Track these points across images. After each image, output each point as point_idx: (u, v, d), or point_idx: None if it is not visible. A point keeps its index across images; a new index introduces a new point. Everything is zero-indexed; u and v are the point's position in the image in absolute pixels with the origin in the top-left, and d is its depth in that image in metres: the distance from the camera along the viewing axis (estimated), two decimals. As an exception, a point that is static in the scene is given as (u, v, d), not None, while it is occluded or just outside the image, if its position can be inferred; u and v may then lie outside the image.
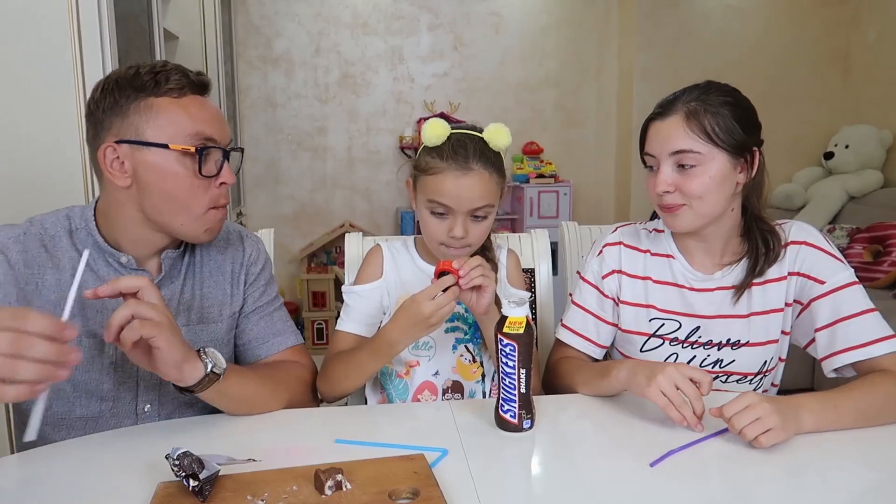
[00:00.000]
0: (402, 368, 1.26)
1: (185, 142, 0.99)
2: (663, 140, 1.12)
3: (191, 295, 1.13)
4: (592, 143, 4.46)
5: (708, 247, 1.21)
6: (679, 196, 1.13)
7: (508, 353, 0.98)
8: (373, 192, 4.31)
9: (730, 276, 1.21)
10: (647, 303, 1.25)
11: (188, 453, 0.77)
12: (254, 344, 1.20)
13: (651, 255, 1.27)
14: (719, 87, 1.15)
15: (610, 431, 1.03)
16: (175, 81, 1.01)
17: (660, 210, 1.18)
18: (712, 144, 1.10)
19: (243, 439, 0.98)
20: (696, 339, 1.22)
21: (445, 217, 1.15)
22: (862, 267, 3.30)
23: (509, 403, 0.99)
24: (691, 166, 1.11)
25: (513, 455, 0.95)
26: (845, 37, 4.25)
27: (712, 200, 1.12)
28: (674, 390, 0.98)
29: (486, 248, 1.28)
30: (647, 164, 1.18)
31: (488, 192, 1.15)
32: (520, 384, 0.98)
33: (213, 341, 1.13)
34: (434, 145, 1.16)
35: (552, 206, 4.05)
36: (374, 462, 0.87)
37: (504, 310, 0.98)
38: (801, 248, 1.17)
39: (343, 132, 4.24)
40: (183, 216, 1.02)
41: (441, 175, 1.14)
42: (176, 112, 1.00)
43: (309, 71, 4.15)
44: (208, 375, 0.95)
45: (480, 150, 1.15)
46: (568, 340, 1.29)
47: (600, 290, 1.28)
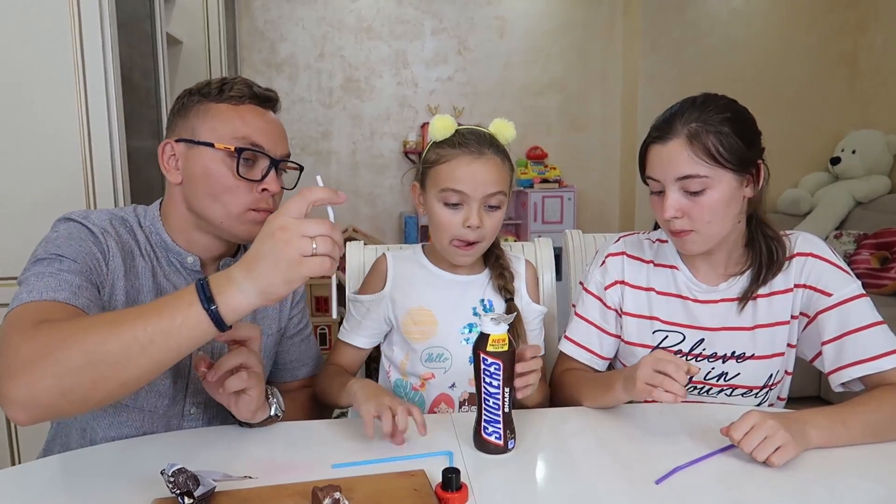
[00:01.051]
0: (416, 381, 1.24)
1: (230, 143, 1.03)
2: (666, 166, 1.09)
3: None
4: (597, 148, 4.44)
5: (713, 259, 1.19)
6: (687, 222, 1.10)
7: (493, 373, 0.94)
8: (376, 196, 4.30)
9: (734, 287, 1.19)
10: (650, 314, 1.23)
11: (183, 470, 0.76)
12: (295, 365, 1.27)
13: (654, 265, 1.25)
14: (716, 101, 1.11)
15: (612, 445, 1.01)
16: (237, 90, 1.06)
17: (669, 233, 1.15)
18: (718, 166, 1.06)
19: (240, 455, 0.96)
20: (701, 352, 1.19)
21: (459, 207, 1.14)
22: (869, 273, 3.27)
23: (493, 425, 0.95)
24: (699, 191, 1.07)
25: (514, 469, 0.93)
26: (852, 42, 4.22)
27: (721, 222, 1.10)
28: (657, 377, 0.97)
29: (499, 257, 1.26)
30: (652, 188, 1.15)
31: (501, 179, 1.15)
32: (504, 404, 0.95)
33: (262, 351, 1.13)
34: (442, 138, 1.17)
35: (556, 211, 4.03)
36: (373, 479, 0.85)
37: (484, 327, 0.95)
38: (808, 259, 1.15)
39: (347, 136, 4.23)
40: (220, 211, 1.05)
41: (454, 161, 1.14)
42: (229, 116, 1.05)
43: (313, 75, 4.14)
44: (271, 417, 1.03)
45: (490, 139, 1.17)
46: (571, 353, 1.27)
47: (603, 302, 1.26)
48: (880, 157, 3.86)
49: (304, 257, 0.75)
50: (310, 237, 0.75)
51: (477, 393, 0.97)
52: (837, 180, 4.00)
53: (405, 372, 1.25)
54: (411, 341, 1.22)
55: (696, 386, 1.20)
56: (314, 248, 0.75)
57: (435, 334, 1.21)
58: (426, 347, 1.21)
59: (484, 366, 0.94)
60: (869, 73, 4.16)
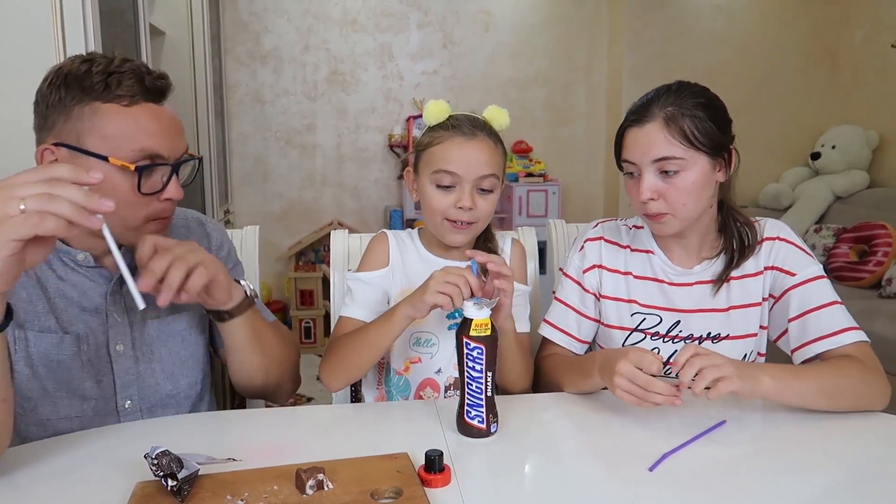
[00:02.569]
0: (400, 365, 1.24)
1: (127, 157, 0.93)
2: (644, 148, 1.12)
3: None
4: (582, 142, 4.46)
5: (687, 243, 1.23)
6: (663, 204, 1.13)
7: (476, 357, 0.95)
8: (361, 190, 4.29)
9: (709, 270, 1.23)
10: (628, 297, 1.26)
11: (167, 452, 0.76)
12: None
13: (631, 251, 1.29)
14: (690, 87, 1.15)
15: (594, 430, 1.03)
16: (127, 88, 0.94)
17: (644, 216, 1.19)
18: (693, 149, 1.11)
19: (224, 439, 0.97)
20: (677, 334, 1.23)
21: (451, 189, 1.15)
22: (848, 266, 3.32)
23: (476, 409, 0.97)
24: (674, 172, 1.11)
25: (496, 452, 0.94)
26: (833, 37, 4.27)
27: (695, 204, 1.14)
28: (631, 385, 0.98)
29: (489, 240, 1.27)
30: (627, 170, 1.18)
31: (494, 161, 1.16)
32: (486, 388, 0.96)
33: (187, 330, 1.13)
34: (436, 122, 1.18)
35: (541, 205, 4.05)
36: (356, 461, 0.86)
37: (468, 311, 0.96)
38: (775, 243, 1.21)
39: (332, 130, 4.22)
40: (117, 225, 0.95)
41: (447, 142, 1.15)
42: (122, 122, 0.94)
43: (297, 68, 4.12)
44: (248, 297, 1.06)
45: (483, 123, 1.18)
46: (549, 336, 1.29)
47: (581, 286, 1.29)
48: (859, 152, 3.92)
49: (9, 217, 0.70)
50: (19, 197, 0.70)
51: (460, 377, 0.98)
52: (817, 175, 4.05)
53: (390, 355, 1.25)
54: None
55: None
56: (23, 208, 0.70)
57: (424, 319, 1.21)
58: (414, 331, 1.22)
59: (467, 350, 0.96)
60: (849, 70, 4.21)
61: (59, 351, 1.01)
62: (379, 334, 1.09)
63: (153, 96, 0.98)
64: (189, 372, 1.14)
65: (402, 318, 1.06)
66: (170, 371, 1.11)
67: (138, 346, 1.08)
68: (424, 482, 0.82)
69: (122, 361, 1.06)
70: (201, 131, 3.51)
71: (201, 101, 3.49)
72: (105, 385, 1.06)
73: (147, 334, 1.09)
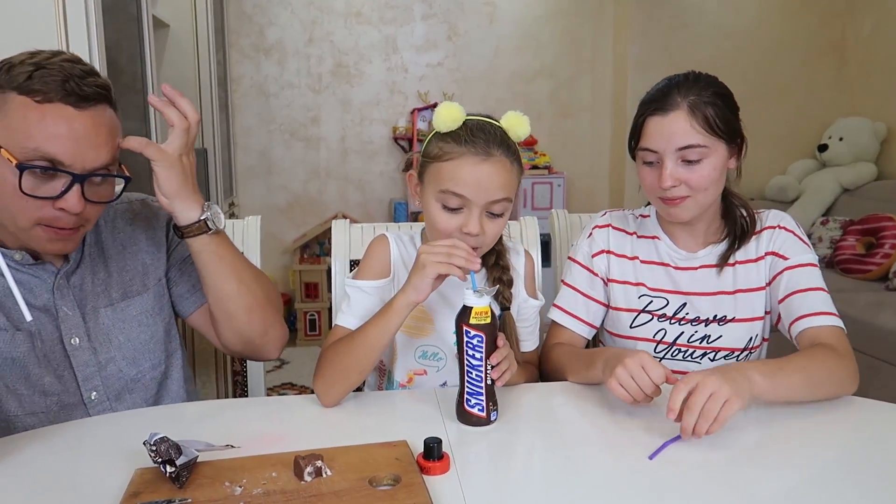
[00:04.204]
0: (403, 377, 1.20)
1: (19, 153, 0.90)
2: (668, 136, 1.13)
3: (106, 275, 1.11)
4: (587, 135, 4.44)
5: (694, 230, 1.25)
6: (684, 189, 1.15)
7: (476, 345, 0.95)
8: (366, 182, 4.28)
9: (713, 253, 1.25)
10: (636, 280, 1.28)
11: (165, 439, 0.77)
12: (186, 296, 1.19)
13: (638, 237, 1.30)
14: (705, 77, 1.18)
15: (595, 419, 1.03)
16: (44, 84, 0.90)
17: (660, 202, 1.19)
18: (714, 136, 1.13)
19: (223, 427, 0.97)
20: (684, 316, 1.25)
21: (459, 211, 1.06)
22: (855, 259, 3.30)
23: (476, 397, 0.97)
24: (696, 160, 1.13)
25: (496, 441, 0.94)
26: (840, 28, 4.23)
27: (713, 190, 1.17)
28: (629, 381, 0.97)
29: (500, 255, 1.19)
30: (646, 159, 1.18)
31: (508, 184, 1.07)
32: (486, 376, 0.96)
33: (144, 313, 1.13)
34: (448, 130, 1.07)
35: (545, 198, 4.04)
36: (355, 448, 0.86)
37: (467, 300, 0.96)
38: (776, 230, 1.24)
39: (336, 122, 4.21)
40: (7, 220, 0.96)
41: (458, 161, 1.04)
42: (27, 117, 0.90)
43: (302, 60, 4.12)
44: (199, 222, 1.02)
45: (501, 137, 1.07)
46: (559, 319, 1.30)
47: (590, 270, 1.31)
48: (867, 144, 3.88)
49: None
50: None
51: (460, 365, 0.98)
52: (824, 167, 4.01)
53: (393, 365, 1.20)
54: (405, 335, 1.19)
55: (680, 349, 1.25)
56: None
57: (431, 333, 1.19)
58: (420, 344, 1.19)
59: (467, 338, 0.96)
60: (856, 61, 4.17)
61: (12, 348, 1.01)
62: (378, 330, 1.03)
63: (74, 99, 0.92)
64: (151, 354, 1.13)
65: (404, 307, 1.02)
66: (131, 357, 1.11)
67: (94, 336, 1.07)
68: (423, 469, 0.82)
69: (80, 355, 1.06)
70: (205, 124, 3.51)
71: (205, 94, 3.49)
72: (66, 379, 1.05)
73: (102, 324, 1.09)
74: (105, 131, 0.96)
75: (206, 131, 3.52)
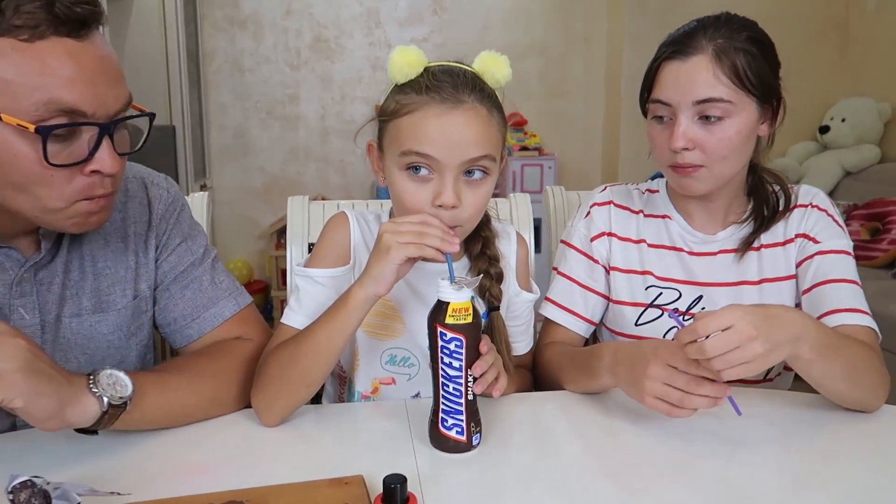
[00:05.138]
0: (367, 386, 1.00)
1: (28, 113, 0.68)
2: (686, 86, 0.94)
3: (80, 275, 0.88)
4: (579, 115, 4.26)
5: (711, 207, 1.06)
6: (698, 155, 0.95)
7: (453, 351, 0.75)
8: (347, 164, 4.08)
9: (734, 236, 1.06)
10: (642, 269, 1.09)
11: (29, 483, 0.57)
12: (181, 324, 0.95)
13: (645, 216, 1.11)
14: (740, 19, 0.99)
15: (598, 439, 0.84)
16: (28, 15, 0.67)
17: (670, 171, 1.00)
18: (743, 91, 0.94)
19: (121, 459, 0.76)
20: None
21: (428, 178, 0.85)
22: (859, 245, 3.16)
23: (454, 416, 0.77)
24: (717, 119, 0.94)
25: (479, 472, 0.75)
26: (844, 6, 4.07)
27: (736, 159, 0.97)
28: (668, 390, 0.79)
29: (487, 243, 0.98)
30: (657, 113, 0.99)
31: (486, 138, 0.85)
32: (467, 390, 0.77)
33: (117, 331, 0.91)
34: (407, 79, 0.86)
35: (536, 180, 3.87)
36: (292, 489, 0.67)
37: (442, 293, 0.76)
38: (808, 210, 1.06)
39: (316, 100, 4.00)
40: (31, 206, 0.74)
41: (420, 112, 0.84)
42: (21, 64, 0.68)
43: (279, 34, 3.90)
44: (107, 412, 0.73)
45: (472, 80, 0.86)
46: (552, 316, 1.11)
47: (589, 256, 1.11)
48: (871, 125, 3.76)
49: None
50: None
51: (433, 376, 0.79)
52: (826, 150, 3.89)
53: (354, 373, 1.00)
54: (369, 336, 0.98)
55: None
56: None
57: (400, 334, 0.98)
58: (388, 347, 0.99)
59: (442, 342, 0.76)
60: (861, 40, 4.02)
61: None
62: (329, 332, 0.82)
63: (69, 27, 0.70)
64: None
65: (362, 302, 0.81)
66: None
67: (51, 353, 0.84)
68: (381, 518, 0.63)
69: None
70: (174, 101, 3.32)
71: (174, 69, 3.29)
72: None
73: (63, 338, 0.87)
74: (115, 61, 0.75)
75: (175, 108, 3.32)
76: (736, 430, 0.85)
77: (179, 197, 0.99)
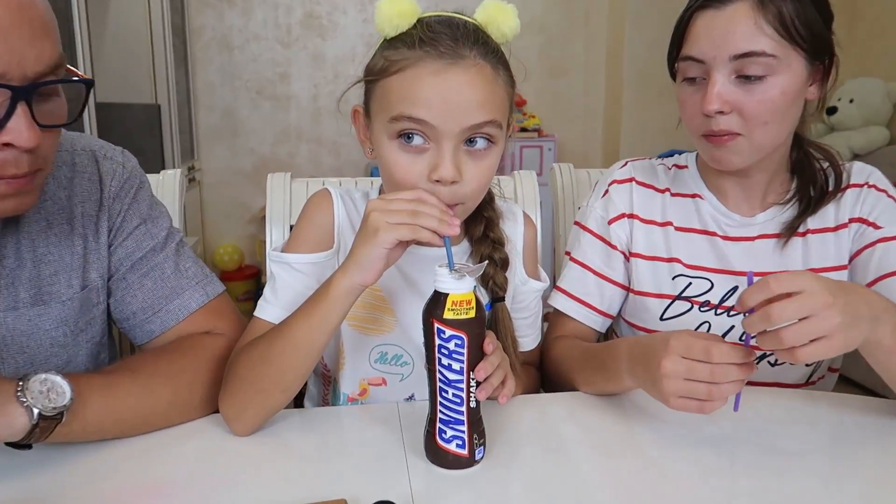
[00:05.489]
0: (354, 388, 0.88)
1: None
2: (722, 36, 0.82)
3: (16, 262, 0.76)
4: (579, 95, 4.14)
5: (749, 184, 0.94)
6: (735, 120, 0.83)
7: (453, 351, 0.65)
8: (341, 145, 3.96)
9: (776, 220, 0.94)
10: (668, 255, 0.97)
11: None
12: (140, 318, 0.84)
13: (671, 195, 0.99)
14: None
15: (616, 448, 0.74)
16: None
17: (702, 140, 0.88)
18: (790, 44, 0.81)
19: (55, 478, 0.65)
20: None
21: (423, 148, 0.73)
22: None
23: (454, 427, 0.67)
24: (758, 77, 0.81)
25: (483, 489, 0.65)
26: (851, -17, 3.96)
27: (779, 126, 0.84)
28: (691, 385, 0.69)
29: (490, 224, 0.87)
30: (688, 74, 0.87)
31: (493, 100, 0.74)
32: (469, 397, 0.66)
33: (61, 327, 0.79)
34: (397, 32, 0.75)
35: (535, 162, 3.76)
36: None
37: (440, 283, 0.65)
38: (864, 190, 0.94)
39: (308, 79, 3.87)
40: None
41: (412, 70, 0.72)
42: None
43: (269, 10, 3.76)
44: (39, 425, 0.61)
45: (475, 33, 0.75)
46: (563, 308, 1.00)
47: (606, 241, 1.00)
48: (879, 106, 3.66)
49: None
50: None
51: (429, 380, 0.68)
52: (833, 131, 3.79)
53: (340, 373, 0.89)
54: (356, 330, 0.87)
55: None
56: None
57: (391, 328, 0.87)
58: (378, 344, 0.88)
59: (440, 340, 0.65)
60: (869, 19, 3.91)
61: None
62: (308, 327, 0.71)
63: None
64: None
65: (345, 292, 0.70)
66: None
67: None
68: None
69: None
70: (159, 79, 3.20)
71: (158, 46, 3.17)
72: None
73: None
74: (41, 13, 0.62)
75: (160, 86, 3.20)
76: (776, 436, 0.75)
77: (138, 173, 0.87)
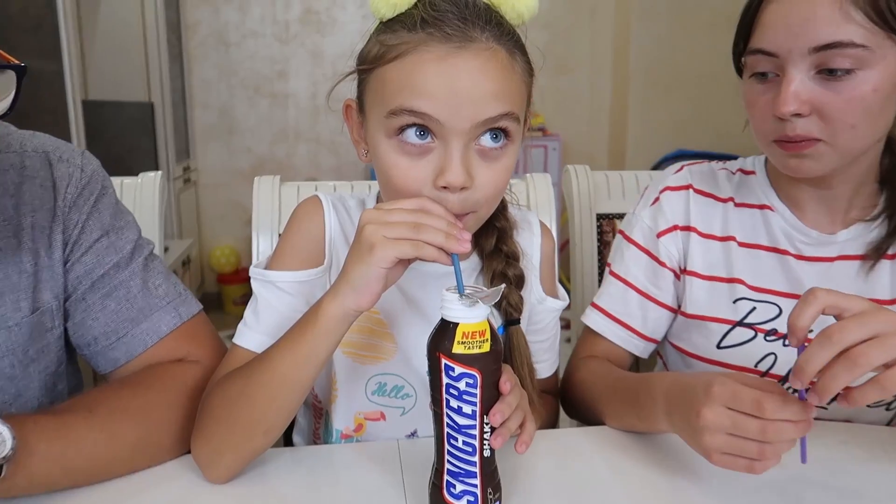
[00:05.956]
0: (349, 422, 0.78)
1: None
2: (800, 26, 0.69)
3: None
4: (585, 93, 4.05)
5: (830, 196, 0.81)
6: (816, 124, 0.71)
7: (464, 392, 0.54)
8: (340, 144, 3.87)
9: (860, 239, 0.81)
10: (729, 275, 0.84)
11: None
12: (103, 343, 0.73)
13: (735, 205, 0.87)
14: None
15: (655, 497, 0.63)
16: None
17: (774, 147, 0.75)
18: (885, 31, 0.67)
19: None
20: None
21: (428, 148, 0.63)
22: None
23: (464, 480, 0.56)
24: (844, 72, 0.68)
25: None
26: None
27: (870, 128, 0.71)
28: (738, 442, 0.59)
29: (503, 236, 0.76)
30: (757, 68, 0.75)
31: (509, 89, 0.63)
32: (482, 445, 0.56)
33: (9, 356, 0.68)
34: (396, 13, 0.63)
35: (540, 163, 3.67)
36: None
37: (448, 311, 0.54)
38: None
39: (306, 77, 3.79)
40: None
41: (414, 56, 0.61)
42: None
43: (266, 5, 3.67)
44: None
45: (487, 13, 0.63)
46: (599, 328, 0.89)
47: (653, 255, 0.88)
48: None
49: None
50: None
51: (435, 424, 0.57)
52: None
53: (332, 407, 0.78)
54: (350, 358, 0.76)
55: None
56: None
57: (391, 356, 0.76)
58: (375, 374, 0.77)
59: (448, 379, 0.55)
60: None
61: None
62: (294, 359, 0.60)
63: None
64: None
65: (338, 319, 0.59)
66: None
67: None
68: None
69: None
70: (153, 76, 3.11)
71: (152, 42, 3.08)
72: None
73: None
74: None
75: (154, 83, 3.11)
76: (852, 478, 0.65)
77: (99, 177, 0.76)
